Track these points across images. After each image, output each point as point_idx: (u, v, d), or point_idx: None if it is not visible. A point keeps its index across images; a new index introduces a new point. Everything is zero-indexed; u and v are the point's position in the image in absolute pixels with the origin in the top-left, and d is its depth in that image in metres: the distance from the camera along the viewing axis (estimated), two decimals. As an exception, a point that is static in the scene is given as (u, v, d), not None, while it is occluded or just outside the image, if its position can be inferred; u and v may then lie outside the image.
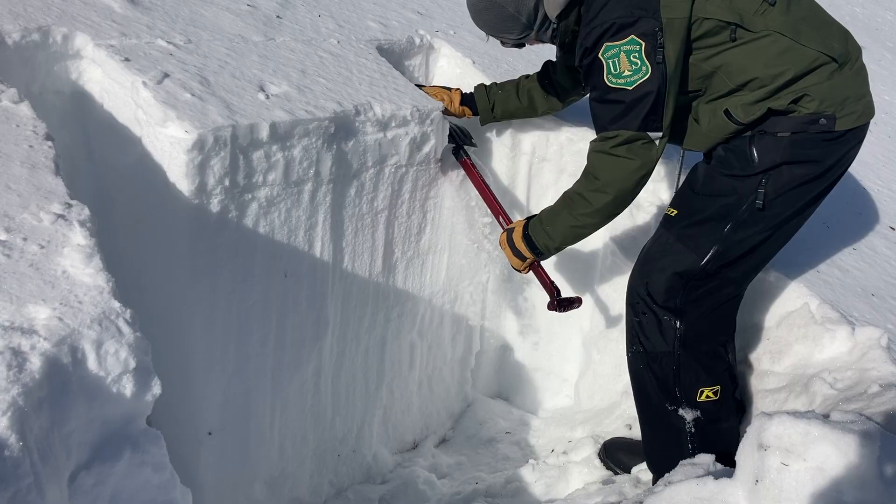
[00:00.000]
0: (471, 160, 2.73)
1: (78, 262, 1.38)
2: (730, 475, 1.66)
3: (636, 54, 2.01)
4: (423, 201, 2.70)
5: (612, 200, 2.17)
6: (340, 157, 2.29)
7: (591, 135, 2.97)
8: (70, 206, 1.52)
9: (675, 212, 2.25)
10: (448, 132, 2.71)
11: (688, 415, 2.23)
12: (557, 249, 2.35)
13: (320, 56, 2.59)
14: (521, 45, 2.42)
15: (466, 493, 2.70)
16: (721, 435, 2.22)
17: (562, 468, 2.71)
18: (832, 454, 1.47)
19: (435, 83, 3.23)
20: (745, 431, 2.26)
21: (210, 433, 2.22)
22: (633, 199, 2.21)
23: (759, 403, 2.36)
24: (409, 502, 2.72)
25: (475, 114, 2.76)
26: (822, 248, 2.92)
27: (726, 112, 2.11)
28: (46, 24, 2.15)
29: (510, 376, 3.41)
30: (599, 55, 2.05)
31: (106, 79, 2.13)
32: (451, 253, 2.92)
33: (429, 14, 3.41)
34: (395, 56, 3.00)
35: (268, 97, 2.16)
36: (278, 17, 2.79)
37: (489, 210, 2.70)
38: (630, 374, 2.36)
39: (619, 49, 2.02)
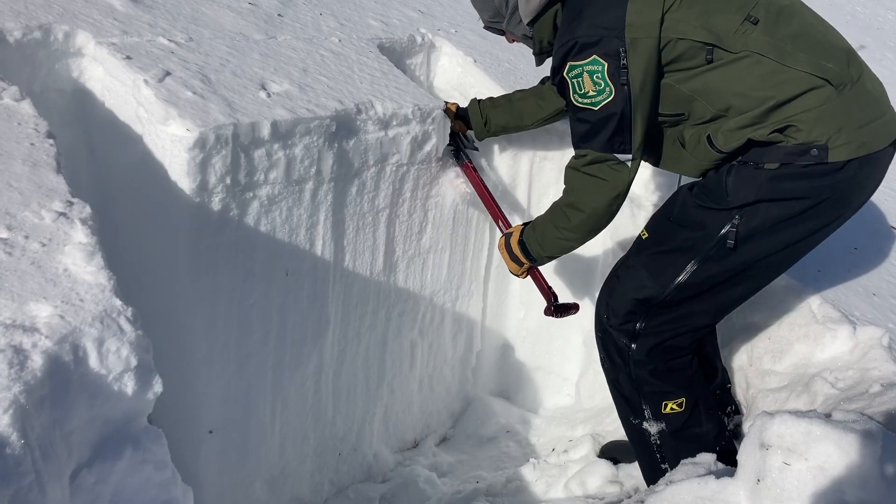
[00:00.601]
0: (472, 163, 2.73)
1: (79, 260, 1.38)
2: (731, 474, 1.66)
3: (599, 75, 1.94)
4: (424, 200, 2.69)
5: (588, 219, 2.10)
6: (342, 156, 2.29)
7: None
8: (71, 203, 1.52)
9: (647, 235, 2.18)
10: (449, 133, 2.71)
11: (652, 427, 2.19)
12: (549, 258, 2.33)
13: (321, 54, 2.59)
14: (501, 33, 2.37)
15: (467, 491, 2.70)
16: (692, 441, 2.15)
17: (562, 467, 2.71)
18: (834, 453, 1.47)
19: (436, 82, 3.23)
20: (745, 430, 2.27)
21: (211, 431, 2.22)
22: (609, 218, 2.13)
23: (761, 403, 2.36)
24: (410, 501, 2.72)
25: (469, 129, 2.74)
26: (824, 247, 2.91)
27: (708, 138, 2.00)
28: (48, 21, 2.15)
29: (511, 375, 3.41)
30: (565, 74, 2.00)
31: (107, 77, 2.13)
32: (452, 252, 2.92)
33: (430, 13, 3.41)
34: (397, 55, 3.00)
35: (269, 95, 2.16)
36: (279, 15, 2.79)
37: (489, 214, 2.70)
38: None
39: (582, 69, 1.95)
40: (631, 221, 2.88)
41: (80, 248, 1.41)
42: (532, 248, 2.28)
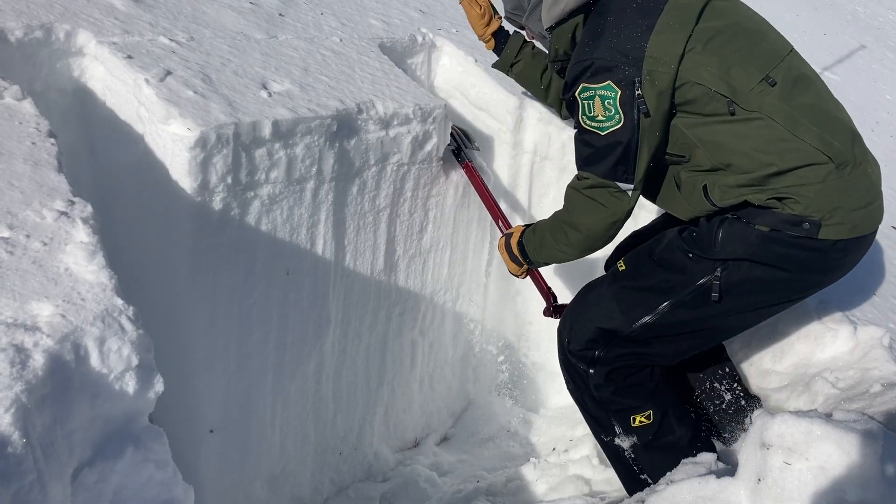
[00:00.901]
0: (472, 163, 2.73)
1: (80, 260, 1.38)
2: (732, 474, 1.66)
3: (610, 101, 1.90)
4: (424, 199, 2.70)
5: (584, 239, 2.10)
6: (342, 155, 2.29)
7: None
8: (73, 203, 1.52)
9: (624, 267, 2.16)
10: (450, 133, 2.71)
11: (624, 443, 2.17)
12: (545, 264, 2.33)
13: (322, 54, 2.59)
14: (521, 27, 2.35)
15: (468, 491, 2.70)
16: (667, 450, 2.14)
17: (563, 466, 2.71)
18: (834, 453, 1.47)
19: (437, 81, 3.23)
20: (746, 429, 2.26)
21: (212, 431, 2.22)
22: (607, 241, 2.12)
23: (762, 402, 2.36)
24: (411, 500, 2.72)
25: (495, 52, 2.70)
26: (824, 247, 2.91)
27: (704, 188, 1.99)
28: (49, 21, 2.15)
29: (511, 374, 3.41)
30: (577, 94, 1.97)
31: (108, 76, 2.13)
32: (453, 251, 2.92)
33: (431, 12, 3.41)
34: (398, 54, 3.00)
35: (270, 95, 2.16)
36: (280, 14, 2.79)
37: (489, 214, 2.70)
38: None
39: (595, 92, 1.92)
40: (632, 222, 2.88)
41: (82, 247, 1.41)
42: (530, 251, 2.28)
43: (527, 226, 2.36)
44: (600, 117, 1.93)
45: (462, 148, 2.75)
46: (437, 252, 2.85)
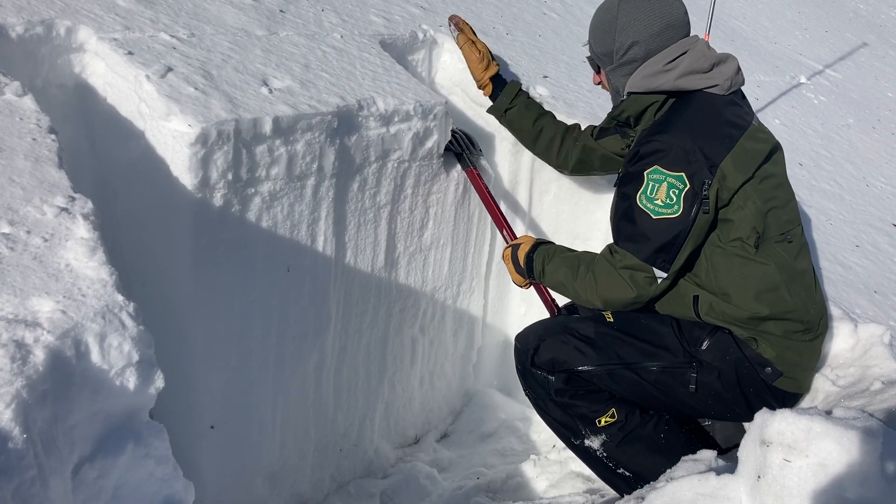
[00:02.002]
0: (477, 170, 2.73)
1: (81, 256, 1.38)
2: (732, 471, 1.66)
3: (677, 191, 1.95)
4: (425, 196, 2.70)
5: (601, 305, 2.15)
6: (343, 152, 2.29)
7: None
8: (73, 199, 1.52)
9: (611, 319, 2.21)
10: (453, 137, 2.71)
11: (594, 442, 2.20)
12: (548, 286, 2.38)
13: (323, 50, 2.59)
14: (596, 69, 2.31)
15: (468, 487, 2.70)
16: (638, 442, 2.19)
17: (563, 463, 2.72)
18: (834, 450, 1.47)
19: (438, 78, 3.23)
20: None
21: (212, 427, 2.22)
22: (619, 310, 2.20)
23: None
24: (411, 497, 2.73)
25: (491, 98, 2.72)
26: (825, 244, 2.92)
27: (695, 299, 2.09)
28: (50, 17, 2.15)
29: (512, 371, 3.39)
30: (646, 172, 1.98)
31: (109, 72, 2.13)
32: (454, 248, 2.92)
33: (432, 9, 3.40)
34: (398, 51, 3.00)
35: (271, 91, 2.16)
36: (281, 11, 2.79)
37: (493, 223, 2.70)
38: None
39: (665, 178, 1.96)
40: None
41: (82, 243, 1.41)
42: (536, 270, 2.31)
43: (538, 240, 2.38)
44: (660, 202, 1.97)
45: (466, 154, 2.74)
46: (437, 249, 2.85)
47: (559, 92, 3.17)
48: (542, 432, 3.11)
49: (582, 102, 3.17)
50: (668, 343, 2.12)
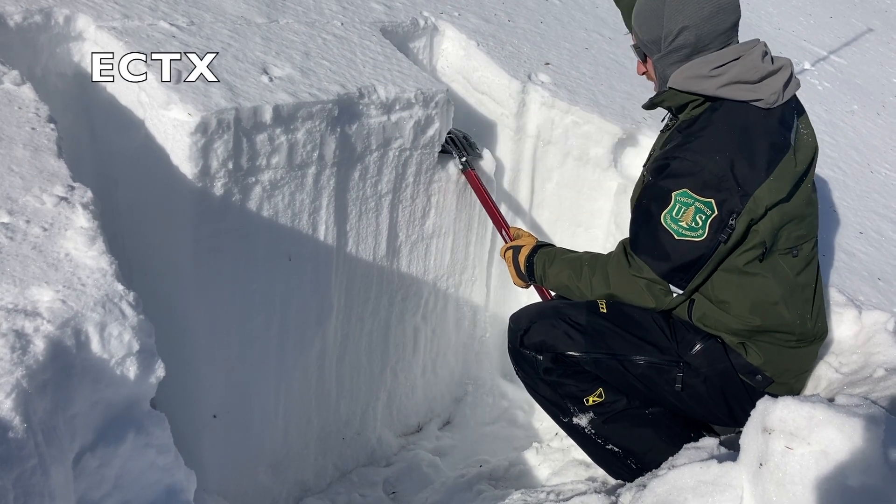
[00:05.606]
0: (476, 171, 2.72)
1: (81, 245, 1.38)
2: (734, 458, 1.66)
3: (703, 216, 1.90)
4: (427, 185, 2.69)
5: (619, 296, 2.14)
6: (344, 141, 2.28)
7: (596, 118, 2.97)
8: (73, 188, 1.51)
9: (605, 310, 2.17)
10: (450, 140, 2.70)
11: (582, 420, 2.22)
12: (550, 289, 2.38)
13: (324, 38, 2.57)
14: (642, 58, 2.19)
15: (470, 475, 2.71)
16: (625, 419, 2.20)
17: (565, 451, 2.72)
18: (837, 438, 1.46)
19: (439, 65, 3.21)
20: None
21: (215, 416, 2.23)
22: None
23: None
24: (414, 484, 2.73)
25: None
26: (828, 231, 2.90)
27: (691, 302, 2.08)
28: (48, 5, 2.14)
29: (514, 360, 3.41)
30: (674, 193, 1.93)
31: (108, 61, 2.12)
32: (456, 236, 2.91)
33: (433, -4, 3.38)
34: (399, 38, 2.98)
35: (271, 80, 2.15)
36: (281, -2, 2.77)
37: (492, 223, 2.70)
38: None
39: (694, 202, 1.90)
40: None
41: (82, 232, 1.41)
42: (538, 272, 2.32)
43: (538, 243, 2.39)
44: (685, 224, 1.93)
45: (465, 155, 2.73)
46: (439, 237, 2.85)
47: (561, 79, 3.15)
48: (544, 420, 3.11)
49: (584, 90, 3.15)
50: (658, 340, 2.10)
